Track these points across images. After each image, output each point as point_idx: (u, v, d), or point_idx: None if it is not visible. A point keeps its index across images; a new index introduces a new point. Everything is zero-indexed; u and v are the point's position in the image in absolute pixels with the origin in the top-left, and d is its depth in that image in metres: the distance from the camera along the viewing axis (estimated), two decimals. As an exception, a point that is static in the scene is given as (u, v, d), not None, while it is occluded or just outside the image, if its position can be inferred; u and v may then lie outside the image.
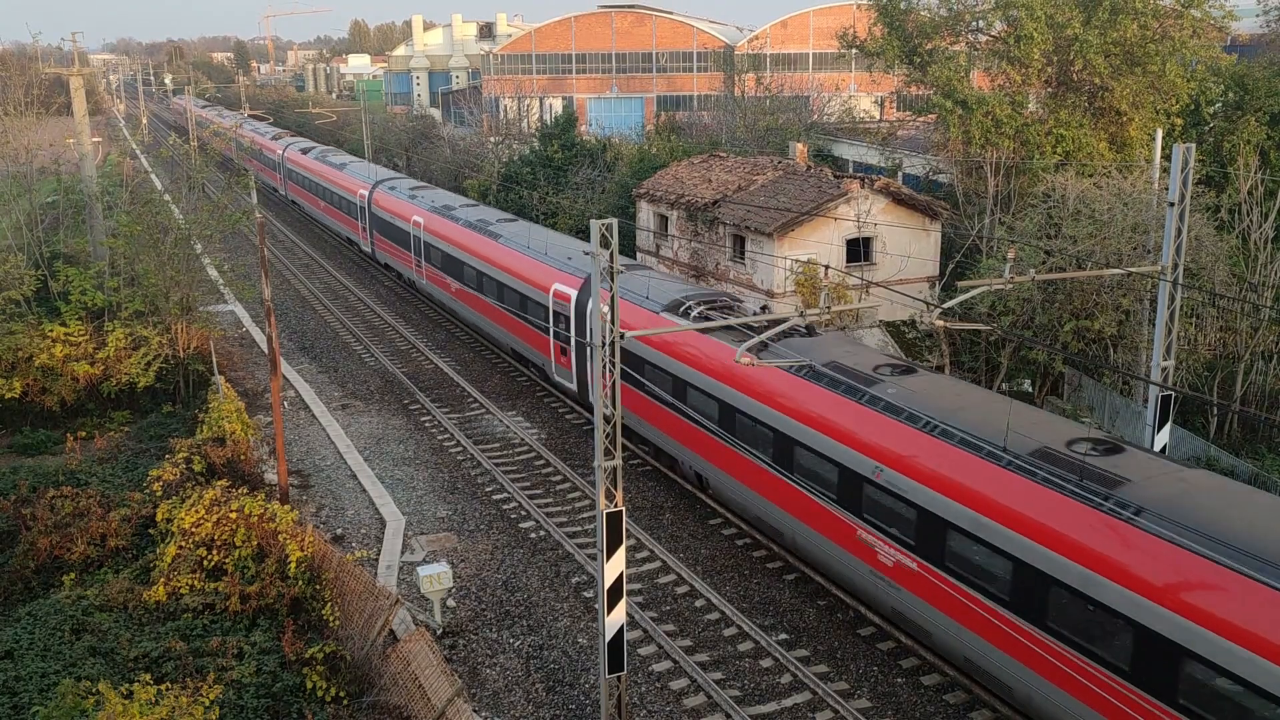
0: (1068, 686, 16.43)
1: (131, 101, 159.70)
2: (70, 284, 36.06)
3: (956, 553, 18.32)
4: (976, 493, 17.91)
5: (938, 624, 19.12)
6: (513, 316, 36.07)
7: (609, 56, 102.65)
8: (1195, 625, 14.32)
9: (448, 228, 42.28)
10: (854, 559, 20.95)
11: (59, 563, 22.56)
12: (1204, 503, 15.75)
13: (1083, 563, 15.96)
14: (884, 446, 19.94)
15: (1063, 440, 18.17)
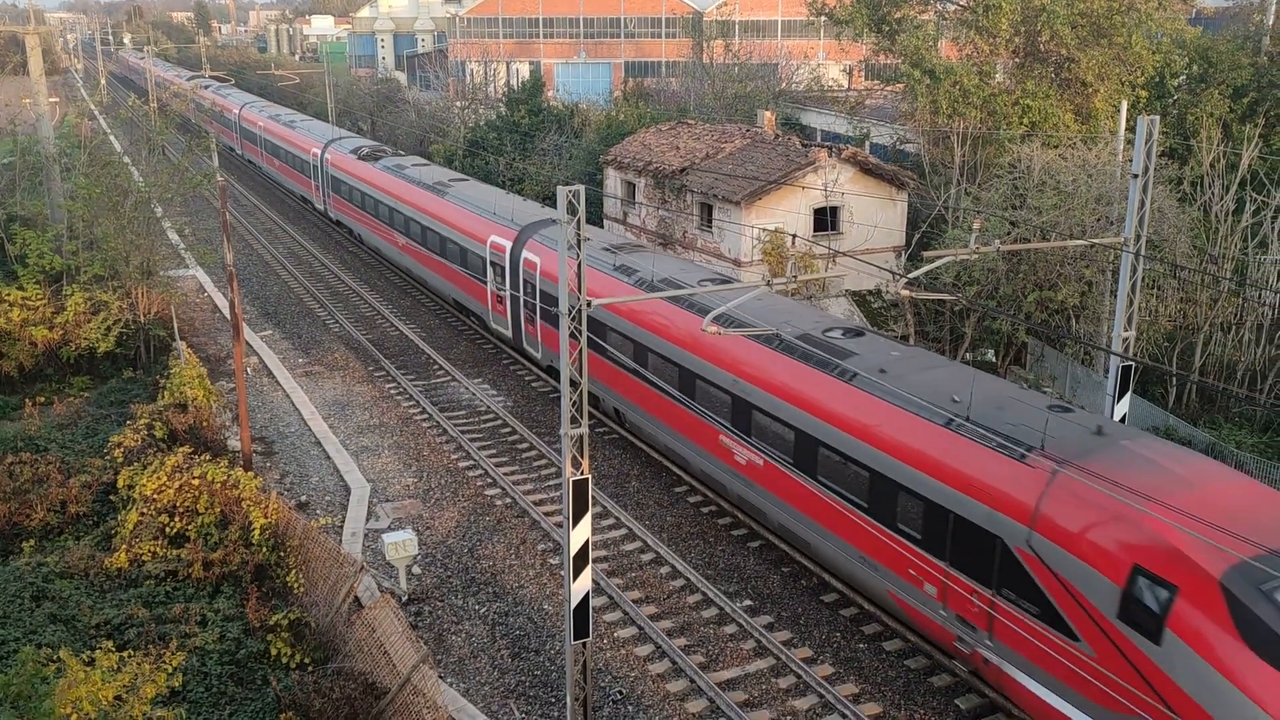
0: (829, 523, 20.93)
1: (90, 61, 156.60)
2: (27, 247, 35.44)
3: (761, 429, 22.34)
4: (763, 376, 22.29)
5: (761, 499, 23.02)
6: (453, 268, 37.90)
7: (577, 21, 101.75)
8: (882, 453, 19.16)
9: (397, 185, 43.83)
10: (698, 447, 24.88)
11: (18, 529, 22.31)
12: (899, 369, 20.39)
13: (819, 416, 20.62)
14: (702, 345, 23.94)
15: (821, 329, 22.76)
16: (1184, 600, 14.31)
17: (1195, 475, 16.12)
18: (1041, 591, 16.23)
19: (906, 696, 18.98)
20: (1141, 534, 15.01)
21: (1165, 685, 14.45)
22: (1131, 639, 14.86)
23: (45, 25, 69.59)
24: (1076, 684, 15.82)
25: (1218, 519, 14.66)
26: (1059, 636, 15.99)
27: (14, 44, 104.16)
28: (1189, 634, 14.16)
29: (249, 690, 17.71)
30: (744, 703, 18.74)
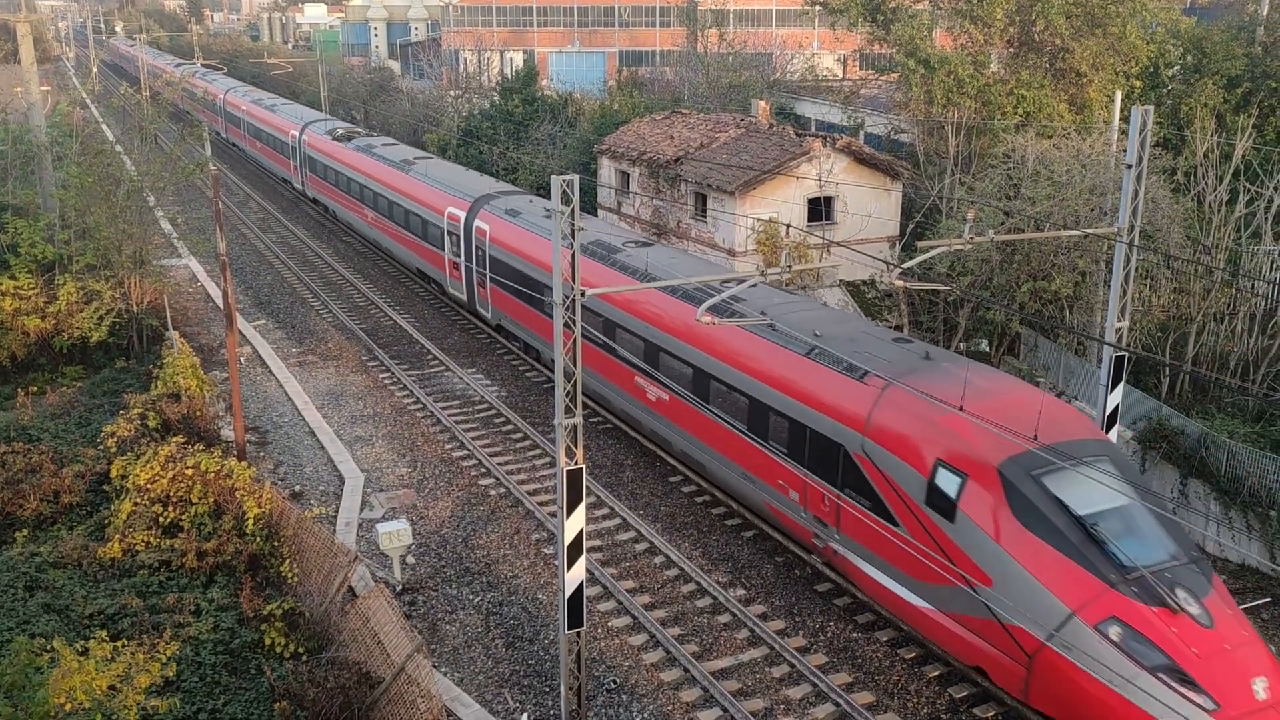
0: (720, 446, 23.76)
1: (81, 49, 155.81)
2: (19, 236, 35.28)
3: (667, 368, 25.39)
4: (667, 322, 25.26)
5: (668, 430, 26.03)
6: (415, 239, 40.86)
7: (571, 10, 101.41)
8: (758, 381, 22.37)
9: (366, 163, 46.81)
10: (619, 389, 27.61)
11: (11, 519, 22.26)
12: (778, 311, 22.88)
13: (711, 354, 23.71)
14: (625, 299, 26.91)
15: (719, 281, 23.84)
16: (971, 485, 17.51)
17: (993, 387, 19.30)
18: (872, 488, 19.37)
19: (899, 685, 19.05)
20: (942, 434, 18.18)
21: (957, 555, 17.61)
22: (934, 519, 17.99)
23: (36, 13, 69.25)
24: (897, 561, 19.11)
25: (1003, 420, 17.83)
26: (884, 524, 19.14)
27: (5, 31, 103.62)
28: (974, 512, 17.37)
29: (243, 680, 17.71)
30: (737, 692, 18.79)
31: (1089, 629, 15.78)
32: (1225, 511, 23.33)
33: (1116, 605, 15.84)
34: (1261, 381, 27.36)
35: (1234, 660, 15.34)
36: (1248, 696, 15.01)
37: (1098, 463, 17.57)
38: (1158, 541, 16.84)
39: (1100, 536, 16.53)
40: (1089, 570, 16.19)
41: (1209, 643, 15.46)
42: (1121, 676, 15.28)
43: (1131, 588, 15.96)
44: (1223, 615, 15.99)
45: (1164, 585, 15.95)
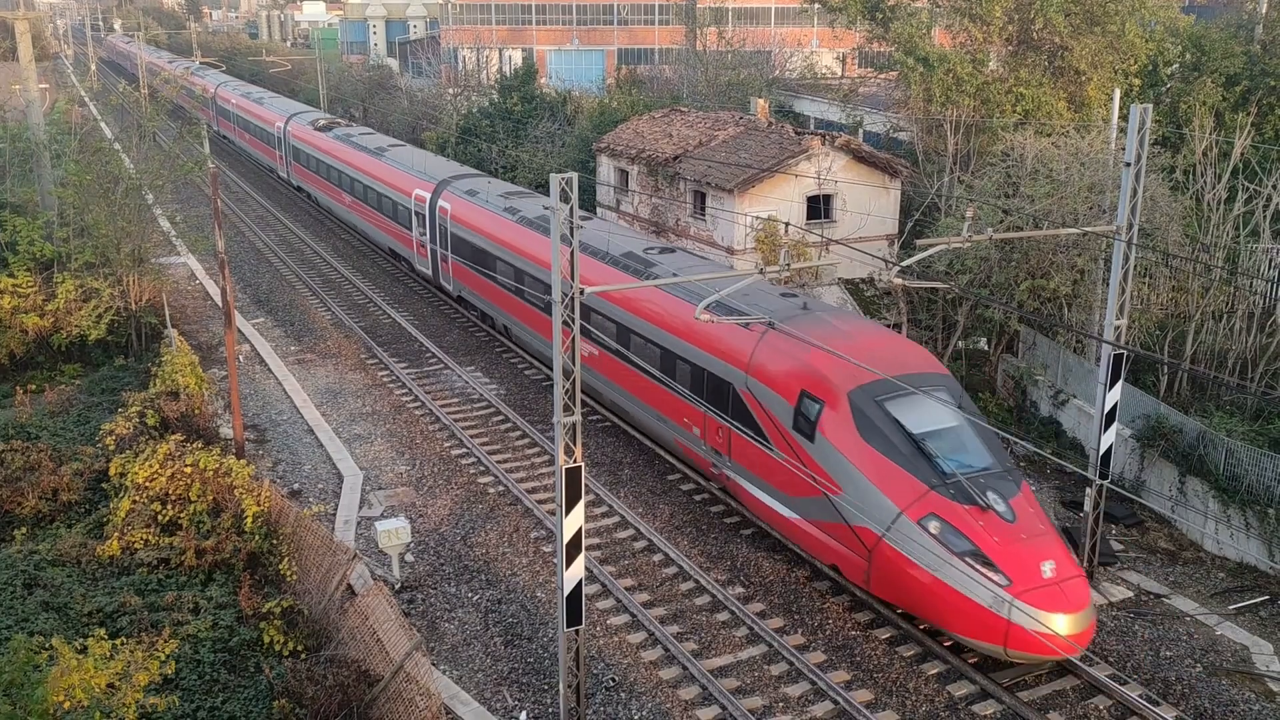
0: (640, 393, 27.22)
1: (80, 47, 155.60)
2: (18, 234, 35.25)
3: (597, 325, 28.21)
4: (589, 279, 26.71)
5: (598, 383, 29.16)
6: (387, 220, 44.03)
7: (569, 8, 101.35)
8: (667, 333, 25.52)
9: (344, 150, 49.91)
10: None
11: (9, 517, 22.27)
12: (688, 274, 24.81)
13: (630, 311, 26.95)
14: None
15: (642, 248, 29.07)
16: (827, 411, 20.78)
17: (854, 330, 22.68)
18: (753, 418, 22.53)
19: (898, 683, 19.06)
20: (805, 369, 21.50)
21: (817, 469, 20.77)
22: (799, 441, 21.23)
23: (35, 10, 69.41)
24: (772, 479, 22.30)
25: (855, 356, 20.90)
26: (761, 449, 22.31)
27: (3, 29, 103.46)
28: (829, 432, 20.65)
29: (242, 678, 17.72)
30: (736, 690, 18.80)
31: (913, 524, 19.16)
32: (1224, 509, 23.34)
33: (936, 504, 19.19)
34: (1260, 379, 27.38)
35: (1028, 547, 18.72)
36: (1036, 575, 18.40)
37: (934, 391, 20.92)
38: (977, 454, 20.23)
39: (928, 450, 19.91)
40: (916, 477, 19.50)
41: (1009, 533, 18.87)
42: (937, 561, 18.74)
43: (949, 490, 19.31)
44: (1024, 512, 19.35)
45: (976, 489, 19.36)
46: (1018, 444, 28.14)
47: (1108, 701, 18.58)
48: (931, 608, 19.20)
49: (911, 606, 19.82)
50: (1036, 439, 28.67)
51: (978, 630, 18.59)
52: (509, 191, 37.68)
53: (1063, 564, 18.79)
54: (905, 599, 19.75)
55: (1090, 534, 22.27)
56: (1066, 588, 18.46)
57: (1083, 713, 18.37)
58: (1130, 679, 19.26)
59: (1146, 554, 23.86)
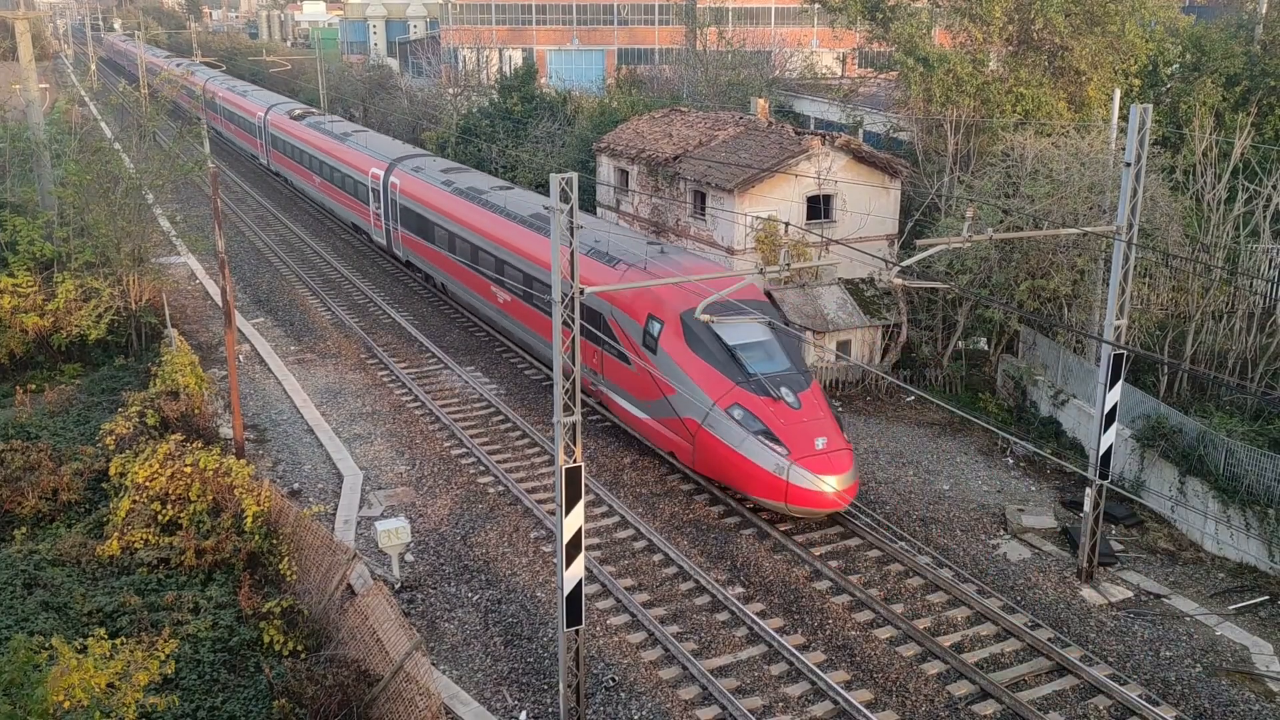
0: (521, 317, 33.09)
1: (80, 46, 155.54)
2: (18, 234, 35.25)
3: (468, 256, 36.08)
4: (494, 235, 34.51)
5: (506, 321, 35.03)
6: (349, 196, 49.13)
7: (570, 8, 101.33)
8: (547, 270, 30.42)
9: (314, 136, 54.99)
10: (481, 297, 36.30)
11: (9, 517, 22.27)
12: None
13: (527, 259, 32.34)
14: (482, 227, 35.51)
15: (540, 204, 34.40)
16: (666, 329, 25.70)
17: (694, 267, 27.82)
18: (617, 341, 27.51)
19: (898, 683, 19.06)
20: (652, 297, 26.39)
21: (659, 377, 25.80)
22: (647, 355, 26.25)
23: (35, 10, 69.85)
24: (631, 389, 27.54)
25: (687, 285, 25.02)
26: (623, 365, 27.59)
27: (3, 29, 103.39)
28: (667, 346, 25.65)
29: (242, 677, 17.72)
30: (736, 689, 18.80)
31: (722, 412, 24.31)
32: (1224, 510, 23.34)
33: (740, 397, 24.42)
34: (1260, 380, 27.38)
35: (807, 427, 24.01)
36: (811, 447, 23.58)
37: (750, 313, 26.10)
38: (777, 361, 25.50)
39: (739, 357, 25.09)
40: (727, 377, 24.73)
41: (793, 417, 24.11)
42: (738, 439, 23.91)
43: (751, 386, 24.57)
44: (809, 403, 24.65)
45: (772, 385, 24.64)
46: (1017, 444, 28.16)
47: (1108, 701, 18.58)
48: (734, 476, 24.37)
49: (721, 477, 24.99)
50: (1036, 439, 28.67)
51: (766, 491, 23.69)
52: (448, 168, 42.81)
53: (833, 440, 23.96)
54: (717, 471, 24.92)
55: (1090, 534, 22.27)
56: (833, 457, 23.56)
57: (1082, 713, 18.38)
58: (1130, 679, 19.27)
59: (1146, 554, 23.87)
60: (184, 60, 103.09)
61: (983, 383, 32.31)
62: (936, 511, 25.35)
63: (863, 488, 26.35)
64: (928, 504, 25.70)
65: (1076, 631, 20.83)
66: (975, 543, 24.04)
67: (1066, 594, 22.10)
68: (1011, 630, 20.51)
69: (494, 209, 35.70)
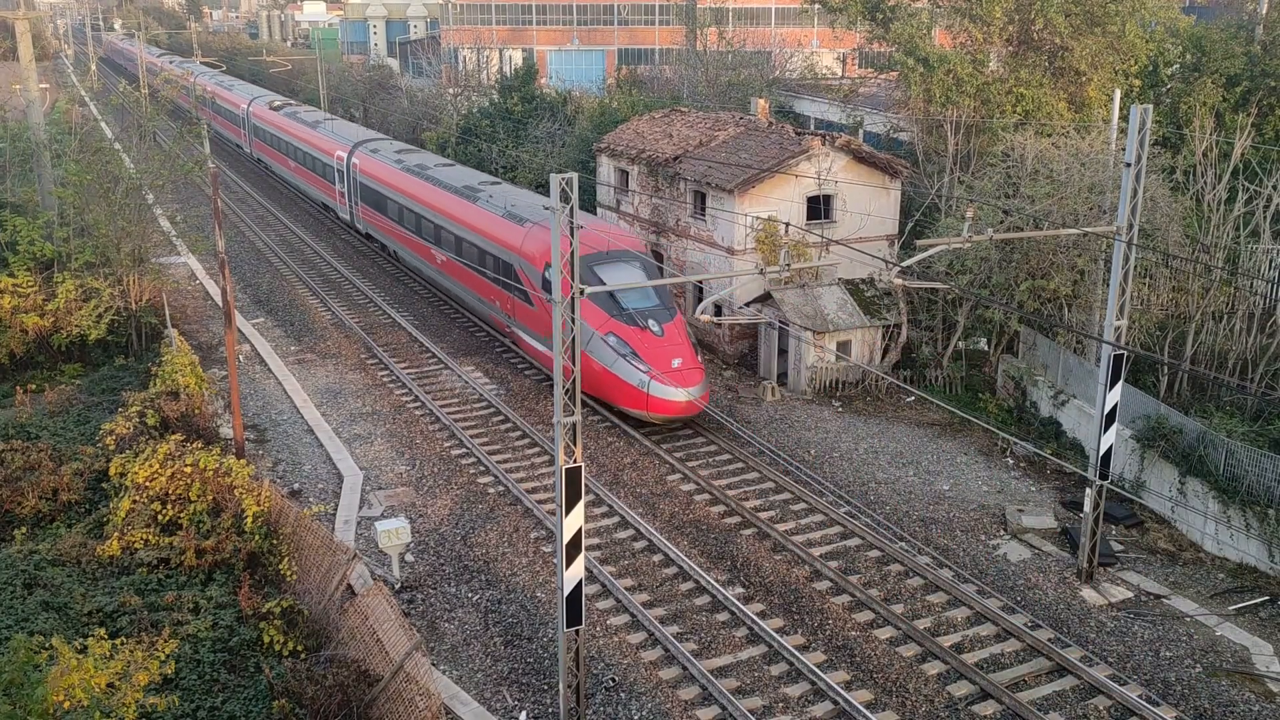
0: (461, 278, 38.01)
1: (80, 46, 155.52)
2: (18, 234, 35.25)
3: (428, 230, 40.56)
4: (432, 204, 39.92)
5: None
6: (319, 177, 54.35)
7: (570, 8, 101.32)
8: (480, 235, 35.82)
9: (290, 124, 60.31)
10: (422, 259, 41.84)
11: (9, 517, 22.27)
12: (501, 195, 37.52)
13: (459, 223, 37.67)
14: (424, 197, 40.90)
15: (477, 181, 40.42)
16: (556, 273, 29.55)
17: (586, 223, 32.26)
18: (523, 286, 32.55)
19: (898, 683, 19.06)
20: (548, 247, 30.66)
21: (551, 318, 28.84)
22: (545, 297, 30.73)
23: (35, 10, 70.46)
24: (534, 326, 32.66)
25: (587, 240, 29.93)
26: (528, 306, 32.71)
27: (4, 29, 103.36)
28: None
29: (241, 678, 17.72)
30: (736, 690, 18.80)
31: (600, 339, 29.41)
32: (1224, 510, 23.34)
33: (615, 327, 29.69)
34: (1260, 380, 27.38)
35: (666, 351, 29.14)
36: (668, 366, 28.78)
37: (629, 262, 31.36)
38: (648, 299, 30.61)
39: (617, 298, 30.19)
40: (606, 312, 29.92)
41: (655, 343, 29.42)
42: (612, 361, 29.25)
43: (624, 319, 29.87)
44: (670, 332, 29.84)
45: (641, 318, 29.94)
46: (1017, 444, 28.16)
47: (1108, 702, 18.58)
48: (608, 391, 29.53)
49: (598, 393, 29.83)
50: (1036, 439, 28.68)
51: (631, 401, 28.99)
52: (401, 149, 48.54)
53: (687, 361, 29.17)
54: (595, 388, 29.68)
55: (1090, 534, 22.28)
56: (687, 374, 28.84)
57: (1083, 713, 18.38)
58: (1130, 679, 19.27)
59: (1146, 554, 23.86)
60: (176, 57, 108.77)
61: (983, 383, 32.30)
62: (936, 512, 25.35)
63: (863, 487, 26.37)
64: (928, 504, 25.70)
65: (1076, 632, 20.83)
66: (975, 543, 24.05)
67: (1066, 594, 22.10)
68: (1011, 631, 20.51)
69: (434, 182, 40.82)
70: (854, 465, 27.70)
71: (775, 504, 25.54)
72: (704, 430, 29.40)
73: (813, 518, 24.93)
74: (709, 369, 34.64)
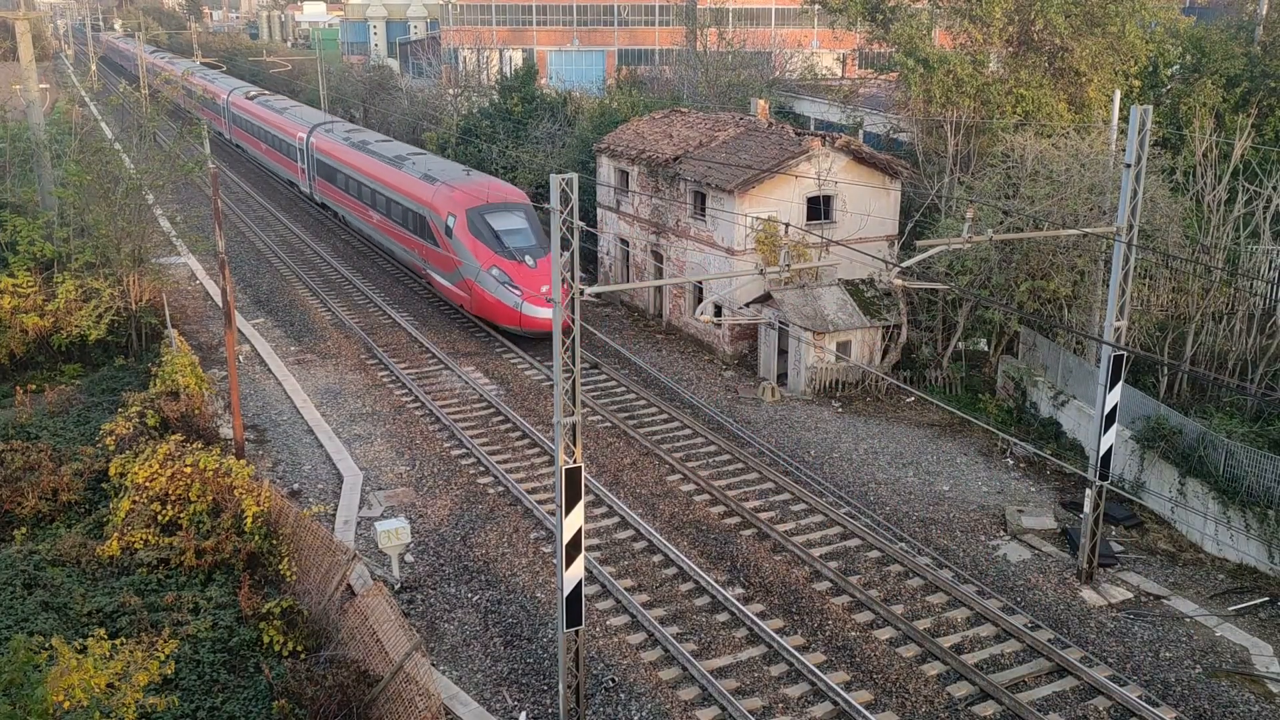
0: (390, 234, 44.73)
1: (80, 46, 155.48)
2: (18, 234, 35.27)
3: (363, 192, 47.56)
4: (369, 172, 46.40)
5: (378, 235, 47.30)
6: (284, 156, 61.88)
7: (570, 8, 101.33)
8: (402, 194, 42.92)
9: (262, 111, 67.57)
10: (361, 219, 48.68)
11: (9, 517, 22.27)
12: (423, 163, 44.38)
13: (388, 185, 44.43)
14: (362, 166, 47.70)
15: (407, 151, 46.61)
16: (457, 221, 36.97)
17: (481, 180, 40.12)
18: (434, 234, 38.92)
19: (898, 684, 19.06)
20: (449, 200, 38.06)
21: (454, 255, 37.20)
22: (448, 241, 37.50)
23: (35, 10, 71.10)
24: (441, 267, 38.90)
25: (476, 193, 38.07)
26: (437, 250, 38.91)
27: (4, 29, 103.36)
28: (458, 234, 36.98)
29: (241, 678, 17.72)
30: (736, 690, 18.80)
31: (486, 272, 35.91)
32: (1224, 511, 23.34)
33: (498, 261, 36.14)
34: (1260, 381, 27.38)
35: (536, 278, 35.51)
36: (538, 290, 35.00)
37: (515, 210, 38.20)
38: (526, 239, 37.06)
39: (500, 237, 36.66)
40: (492, 250, 36.39)
41: (529, 274, 35.69)
42: (494, 288, 35.67)
43: (506, 255, 36.24)
44: (543, 265, 35.93)
45: (519, 254, 36.28)
46: (1017, 445, 28.16)
47: (1108, 703, 18.59)
48: (491, 312, 36.32)
49: (484, 314, 36.86)
50: (1036, 440, 28.68)
51: (508, 319, 35.78)
52: (350, 130, 55.46)
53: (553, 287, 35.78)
54: (481, 311, 36.80)
55: (1090, 535, 22.28)
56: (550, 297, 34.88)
57: (1082, 714, 18.38)
58: (1130, 680, 19.27)
59: (1146, 555, 23.87)
60: (169, 54, 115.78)
61: (983, 384, 32.30)
62: (936, 512, 25.35)
63: (863, 488, 26.38)
64: (928, 505, 25.71)
65: (1076, 633, 20.84)
66: (975, 544, 24.05)
67: (1066, 595, 22.11)
68: (1011, 631, 20.52)
69: (371, 154, 47.62)
70: (854, 466, 27.71)
71: (775, 504, 25.55)
72: (704, 431, 29.41)
73: (813, 518, 24.93)
74: (709, 369, 34.68)
